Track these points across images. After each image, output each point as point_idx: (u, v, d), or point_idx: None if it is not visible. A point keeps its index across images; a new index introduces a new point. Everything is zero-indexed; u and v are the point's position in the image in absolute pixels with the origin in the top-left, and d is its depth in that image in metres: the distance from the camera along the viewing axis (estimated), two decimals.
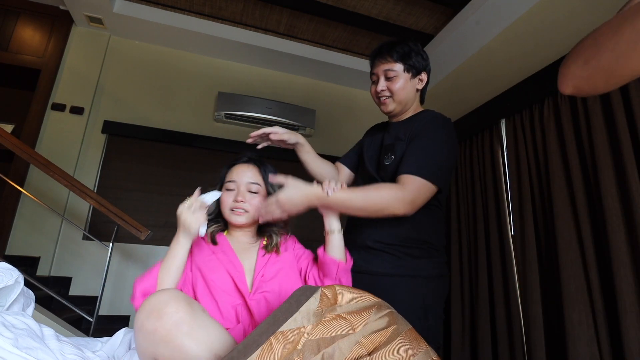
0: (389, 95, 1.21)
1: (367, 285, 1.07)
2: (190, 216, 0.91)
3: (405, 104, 1.22)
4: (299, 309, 0.67)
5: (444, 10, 2.73)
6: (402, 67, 1.19)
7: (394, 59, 1.18)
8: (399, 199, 1.01)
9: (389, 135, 1.26)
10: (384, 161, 1.20)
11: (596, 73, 0.56)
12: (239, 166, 1.11)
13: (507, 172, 2.26)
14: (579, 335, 1.62)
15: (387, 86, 1.20)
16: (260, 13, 2.91)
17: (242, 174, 1.08)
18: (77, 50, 3.00)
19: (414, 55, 1.20)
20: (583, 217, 1.72)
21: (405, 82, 1.19)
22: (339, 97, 3.64)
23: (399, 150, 1.17)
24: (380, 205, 1.00)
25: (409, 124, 1.22)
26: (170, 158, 3.05)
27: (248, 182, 1.06)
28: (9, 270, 0.89)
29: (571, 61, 0.59)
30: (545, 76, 2.07)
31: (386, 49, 1.20)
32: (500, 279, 2.17)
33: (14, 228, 2.60)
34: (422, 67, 1.22)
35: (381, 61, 1.20)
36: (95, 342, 0.93)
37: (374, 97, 1.26)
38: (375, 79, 1.24)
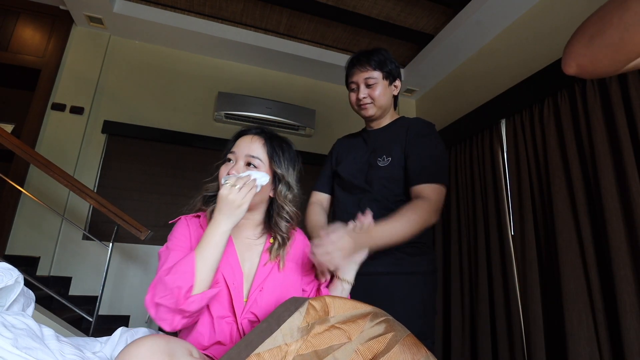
0: (370, 102, 1.27)
1: (366, 286, 1.07)
2: (239, 196, 0.79)
3: (384, 109, 1.29)
4: (279, 327, 0.64)
5: (444, 10, 2.73)
6: (381, 75, 1.26)
7: (373, 67, 1.25)
8: (432, 211, 1.10)
9: (375, 140, 1.31)
10: (377, 162, 1.24)
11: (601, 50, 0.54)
12: (244, 137, 0.97)
13: (507, 172, 2.26)
14: (579, 335, 1.62)
15: (368, 93, 1.26)
16: (261, 13, 2.91)
17: (243, 145, 0.94)
18: (77, 50, 3.00)
19: (389, 63, 1.27)
20: (583, 217, 1.72)
21: (384, 88, 1.27)
22: (339, 97, 3.64)
23: (395, 153, 1.22)
24: (421, 224, 1.06)
25: (394, 129, 1.29)
26: (170, 158, 3.05)
27: (247, 155, 0.93)
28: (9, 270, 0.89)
29: (576, 40, 0.58)
30: (545, 76, 2.07)
31: (364, 57, 1.26)
32: (500, 279, 2.17)
33: (14, 228, 2.60)
34: (396, 74, 1.30)
35: (360, 70, 1.26)
36: (95, 342, 0.92)
37: (354, 105, 1.32)
38: (354, 87, 1.30)
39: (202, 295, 0.74)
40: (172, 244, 0.88)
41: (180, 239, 0.89)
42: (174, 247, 0.87)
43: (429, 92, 3.50)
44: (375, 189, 1.23)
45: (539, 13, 2.30)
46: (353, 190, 1.29)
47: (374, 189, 1.23)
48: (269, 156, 0.94)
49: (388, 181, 1.21)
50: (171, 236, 0.91)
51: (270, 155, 0.94)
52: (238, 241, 0.94)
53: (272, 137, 0.98)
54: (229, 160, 0.94)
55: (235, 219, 0.80)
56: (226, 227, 0.79)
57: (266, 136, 0.97)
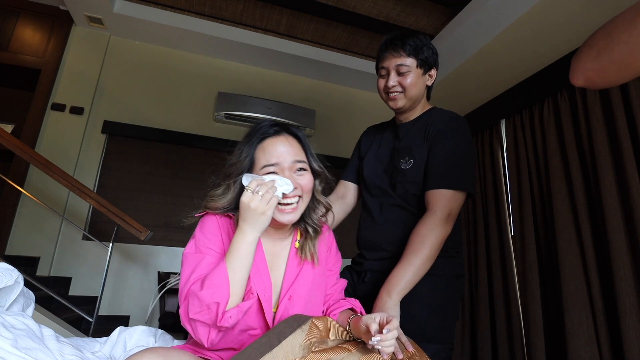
0: (400, 91, 1.14)
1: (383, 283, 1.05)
2: (262, 203, 0.72)
3: (415, 100, 1.17)
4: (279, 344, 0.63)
5: (444, 11, 2.73)
6: (415, 62, 1.13)
7: (407, 53, 1.12)
8: (437, 224, 1.01)
9: (400, 136, 1.21)
10: (400, 165, 1.14)
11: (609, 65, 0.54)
12: (274, 141, 0.84)
13: (507, 172, 2.26)
14: (578, 335, 1.62)
15: (399, 81, 1.13)
16: (261, 13, 2.91)
17: (284, 151, 0.83)
18: (77, 50, 3.01)
19: (426, 50, 1.14)
20: (583, 217, 1.72)
21: (417, 77, 1.14)
22: (339, 97, 3.64)
23: (418, 153, 1.12)
24: (433, 245, 0.99)
25: (421, 123, 1.18)
26: (171, 158, 3.05)
27: (294, 161, 0.83)
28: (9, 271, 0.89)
29: (583, 53, 0.58)
30: (545, 76, 2.07)
31: (399, 41, 1.12)
32: (500, 279, 2.17)
33: (14, 228, 2.60)
34: (433, 63, 1.17)
35: (393, 54, 1.13)
36: (94, 342, 0.92)
37: (382, 92, 1.19)
38: (384, 73, 1.16)
39: (238, 310, 0.71)
40: (202, 245, 0.81)
41: (212, 240, 0.82)
42: (206, 250, 0.80)
43: None
44: (398, 192, 1.14)
45: (538, 13, 2.30)
46: (373, 190, 1.22)
47: (396, 193, 1.15)
48: (306, 154, 0.87)
49: (411, 185, 1.12)
50: (200, 235, 0.83)
51: (306, 153, 0.87)
52: (267, 243, 0.89)
53: (296, 131, 0.89)
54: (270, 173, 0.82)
55: (261, 227, 0.74)
56: (252, 237, 0.74)
57: (293, 132, 0.88)
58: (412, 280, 0.97)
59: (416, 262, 0.97)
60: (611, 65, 0.54)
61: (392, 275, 0.97)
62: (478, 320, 2.25)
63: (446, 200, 1.04)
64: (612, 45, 0.53)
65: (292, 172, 0.82)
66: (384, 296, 0.95)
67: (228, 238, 0.83)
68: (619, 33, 0.52)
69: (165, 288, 2.34)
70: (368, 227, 1.20)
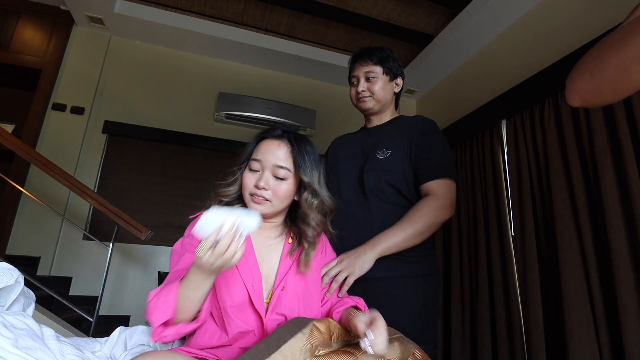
0: (369, 95, 1.28)
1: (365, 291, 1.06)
2: (226, 257, 0.65)
3: (383, 103, 1.30)
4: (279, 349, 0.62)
5: (444, 11, 2.73)
6: (382, 70, 1.27)
7: (374, 62, 1.27)
8: (441, 206, 1.11)
9: (375, 136, 1.30)
10: (375, 155, 1.23)
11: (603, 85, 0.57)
12: (268, 142, 0.90)
13: (508, 173, 2.26)
14: (579, 335, 1.62)
15: (368, 87, 1.28)
16: (261, 13, 2.91)
17: (269, 153, 0.88)
18: (77, 50, 3.01)
19: (392, 60, 1.29)
20: (583, 217, 1.72)
21: (384, 83, 1.28)
22: (339, 98, 3.64)
23: (395, 146, 1.21)
24: (429, 222, 1.09)
25: (393, 126, 1.29)
26: (171, 158, 3.05)
27: (275, 165, 0.87)
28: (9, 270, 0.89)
29: (577, 75, 0.61)
30: (545, 77, 2.07)
31: (366, 53, 1.29)
32: (500, 280, 2.17)
33: (14, 228, 2.61)
34: (398, 72, 1.32)
35: (362, 64, 1.28)
36: (94, 342, 0.92)
37: (353, 98, 1.34)
38: (355, 81, 1.32)
39: (175, 331, 0.71)
40: (188, 243, 0.85)
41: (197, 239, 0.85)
42: (189, 248, 0.84)
43: (430, 93, 3.50)
44: (370, 181, 1.21)
45: (539, 14, 2.30)
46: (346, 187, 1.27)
47: (369, 182, 1.21)
48: (295, 164, 0.88)
49: (386, 174, 1.19)
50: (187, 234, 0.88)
51: (296, 162, 0.88)
52: (257, 240, 0.91)
53: (297, 141, 0.91)
54: (252, 170, 0.88)
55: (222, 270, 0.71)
56: (205, 275, 0.70)
57: (291, 141, 0.90)
58: (398, 246, 1.05)
59: (409, 230, 1.06)
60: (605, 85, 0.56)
61: (381, 234, 1.06)
62: (478, 320, 2.25)
63: (449, 188, 1.15)
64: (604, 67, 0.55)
65: (271, 174, 0.87)
66: (367, 247, 1.03)
67: None
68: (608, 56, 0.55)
69: None
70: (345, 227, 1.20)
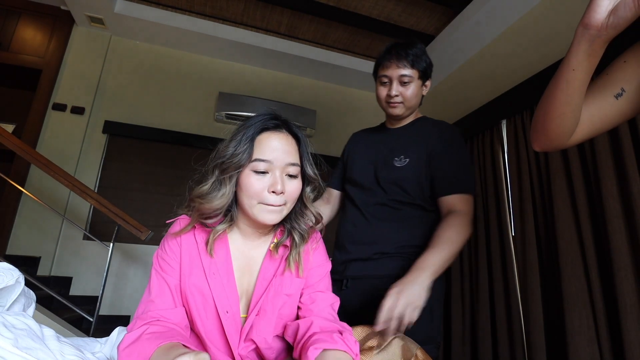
0: (401, 101, 1.17)
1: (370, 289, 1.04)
2: None
3: (413, 109, 1.22)
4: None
5: (444, 11, 2.73)
6: (417, 74, 1.16)
7: (411, 64, 1.14)
8: (468, 223, 1.08)
9: (394, 139, 1.24)
10: (393, 162, 1.17)
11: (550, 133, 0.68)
12: (272, 136, 0.76)
13: (508, 173, 2.25)
14: (579, 335, 1.62)
15: (401, 92, 1.16)
16: (261, 13, 2.91)
17: (279, 150, 0.75)
18: (78, 50, 3.01)
19: (425, 59, 1.18)
20: (584, 217, 1.72)
21: (417, 88, 1.18)
22: (339, 98, 3.64)
23: (413, 154, 1.15)
24: (463, 240, 1.05)
25: (414, 129, 1.22)
26: (171, 158, 3.06)
27: (287, 164, 0.75)
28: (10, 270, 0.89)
29: (532, 127, 0.72)
30: (546, 77, 2.06)
31: (403, 51, 1.15)
32: (500, 280, 2.16)
33: (14, 228, 2.61)
34: (429, 73, 1.21)
35: (397, 64, 1.15)
36: (95, 342, 0.92)
37: (382, 101, 1.21)
38: (386, 81, 1.18)
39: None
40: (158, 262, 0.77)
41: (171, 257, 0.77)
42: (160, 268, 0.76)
43: (430, 93, 3.46)
44: (384, 189, 1.17)
45: (539, 14, 2.30)
46: (362, 188, 1.24)
47: (382, 190, 1.17)
48: (301, 158, 0.79)
49: (402, 182, 1.14)
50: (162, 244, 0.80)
51: (302, 156, 0.80)
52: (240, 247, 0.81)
53: (298, 131, 0.81)
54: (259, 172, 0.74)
55: None
56: None
57: (293, 131, 0.80)
58: (443, 267, 0.98)
59: (450, 250, 1.00)
60: (551, 132, 0.67)
61: (427, 257, 0.96)
62: (478, 320, 2.25)
63: (470, 204, 1.11)
64: (544, 117, 0.67)
65: (283, 175, 0.75)
66: (418, 272, 0.91)
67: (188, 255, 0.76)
68: (542, 106, 0.67)
69: None
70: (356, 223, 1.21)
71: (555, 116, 0.64)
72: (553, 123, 0.65)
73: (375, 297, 1.08)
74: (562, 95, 0.61)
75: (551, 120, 0.65)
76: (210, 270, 0.75)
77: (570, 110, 0.63)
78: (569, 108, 0.62)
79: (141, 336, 0.65)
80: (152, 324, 0.68)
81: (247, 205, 0.75)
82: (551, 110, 0.64)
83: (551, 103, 0.64)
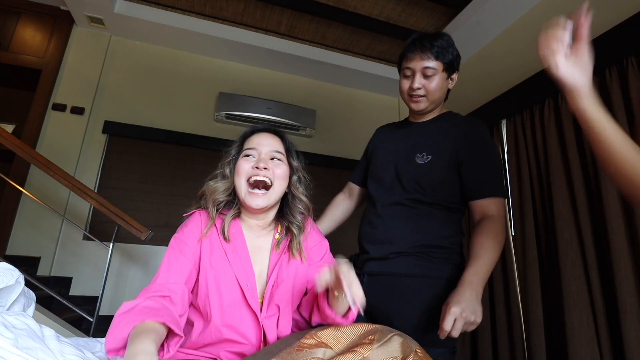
0: (424, 94, 1.12)
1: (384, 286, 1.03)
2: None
3: (437, 104, 1.16)
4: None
5: (444, 11, 2.73)
6: (442, 66, 1.10)
7: (435, 56, 1.09)
8: (502, 229, 1.03)
9: (418, 134, 1.19)
10: (415, 159, 1.13)
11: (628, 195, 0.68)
12: (257, 135, 0.96)
13: (508, 173, 2.25)
14: (579, 335, 1.62)
15: (424, 84, 1.11)
16: (261, 13, 2.91)
17: (264, 142, 0.94)
18: (77, 50, 3.01)
19: (452, 52, 1.12)
20: (583, 217, 1.72)
21: (441, 81, 1.12)
22: (339, 97, 3.64)
23: (436, 151, 1.11)
24: (501, 246, 1.02)
25: (438, 124, 1.18)
26: (171, 158, 3.06)
27: (271, 151, 0.93)
28: (10, 270, 0.89)
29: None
30: (546, 77, 2.05)
31: (427, 42, 1.09)
32: (500, 279, 2.17)
33: (14, 228, 2.61)
34: (457, 66, 1.15)
35: (421, 56, 1.09)
36: (95, 342, 0.92)
37: (404, 93, 1.16)
38: (409, 74, 1.13)
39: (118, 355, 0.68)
40: (173, 242, 0.87)
41: (188, 236, 0.87)
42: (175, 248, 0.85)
43: None
44: (404, 186, 1.13)
45: (539, 14, 2.30)
46: (382, 184, 1.20)
47: (401, 186, 1.13)
48: (287, 150, 0.97)
49: (422, 179, 1.10)
50: (179, 230, 0.90)
51: (287, 149, 0.97)
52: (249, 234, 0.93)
53: (282, 132, 1.01)
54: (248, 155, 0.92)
55: None
56: None
57: (276, 131, 1.00)
58: (487, 275, 0.97)
59: (492, 258, 0.98)
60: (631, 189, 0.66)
61: (471, 269, 0.95)
62: None
63: (502, 207, 1.08)
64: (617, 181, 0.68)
65: (268, 160, 0.91)
66: (472, 287, 0.91)
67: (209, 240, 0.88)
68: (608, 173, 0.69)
69: None
70: (374, 223, 1.18)
71: (620, 176, 0.65)
72: (624, 181, 0.65)
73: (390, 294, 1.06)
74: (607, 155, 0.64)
75: (621, 179, 0.66)
76: (229, 251, 0.88)
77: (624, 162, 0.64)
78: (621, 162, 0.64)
79: (135, 307, 0.71)
80: (150, 299, 0.75)
81: (240, 190, 0.89)
82: (613, 173, 0.66)
83: (607, 167, 0.66)
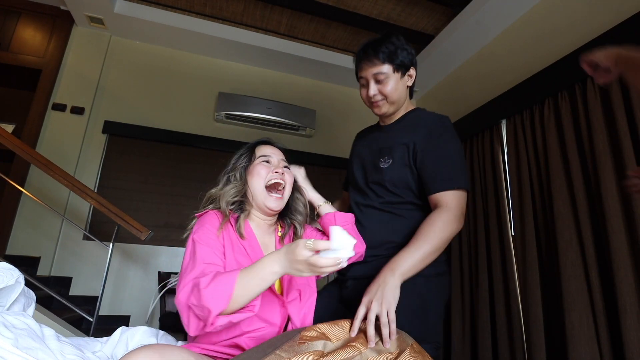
0: (382, 99, 1.16)
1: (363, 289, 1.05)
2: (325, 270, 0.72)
3: (399, 104, 1.20)
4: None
5: (444, 11, 2.73)
6: (391, 68, 1.13)
7: (382, 61, 1.12)
8: (452, 220, 1.03)
9: (384, 137, 1.24)
10: (379, 164, 1.17)
11: None
12: (266, 146, 1.11)
13: (508, 173, 2.26)
14: (579, 335, 1.62)
15: (379, 89, 1.15)
16: (261, 13, 2.91)
17: (274, 153, 1.09)
18: (77, 50, 3.01)
19: (400, 52, 1.14)
20: (583, 217, 1.72)
21: (396, 82, 1.15)
22: (339, 97, 3.64)
23: (397, 154, 1.15)
24: (445, 237, 1.01)
25: (404, 124, 1.21)
26: (171, 158, 3.05)
27: (280, 159, 1.09)
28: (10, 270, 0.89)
29: None
30: (545, 77, 2.07)
31: (372, 50, 1.13)
32: (500, 279, 2.17)
33: (14, 228, 2.61)
34: (409, 63, 1.17)
35: (368, 64, 1.14)
36: (95, 342, 0.93)
37: (366, 101, 1.22)
38: (364, 83, 1.19)
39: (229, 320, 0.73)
40: (198, 236, 0.89)
41: (210, 230, 0.91)
42: (203, 240, 0.89)
43: (430, 93, 3.49)
44: (374, 190, 1.18)
45: (539, 14, 2.30)
46: (357, 189, 1.26)
47: (372, 191, 1.18)
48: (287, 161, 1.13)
49: (387, 183, 1.14)
50: (199, 227, 0.93)
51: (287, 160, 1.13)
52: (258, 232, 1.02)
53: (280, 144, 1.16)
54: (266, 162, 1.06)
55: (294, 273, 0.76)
56: (280, 272, 0.75)
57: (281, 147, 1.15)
58: (417, 266, 0.97)
59: (425, 248, 0.98)
60: None
61: (398, 256, 0.97)
62: (478, 320, 2.25)
63: (458, 199, 1.06)
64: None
65: (280, 167, 1.05)
66: (387, 273, 0.93)
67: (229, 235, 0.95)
68: None
69: (165, 288, 2.34)
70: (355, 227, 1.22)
71: None
72: None
73: None
74: None
75: None
76: (246, 246, 0.96)
77: None
78: None
79: (216, 275, 0.76)
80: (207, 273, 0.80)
81: (257, 193, 1.01)
82: None
83: None
